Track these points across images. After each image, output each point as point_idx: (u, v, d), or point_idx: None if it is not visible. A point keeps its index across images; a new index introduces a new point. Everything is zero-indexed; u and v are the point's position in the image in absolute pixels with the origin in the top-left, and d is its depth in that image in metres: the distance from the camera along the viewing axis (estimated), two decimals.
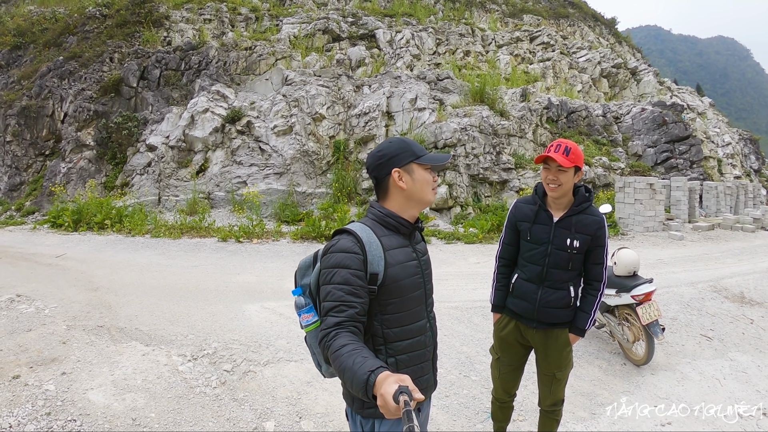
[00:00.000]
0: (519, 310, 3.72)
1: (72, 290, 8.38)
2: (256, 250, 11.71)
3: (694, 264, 11.33)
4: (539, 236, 3.61)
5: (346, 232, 2.30)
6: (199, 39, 21.63)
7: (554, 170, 3.47)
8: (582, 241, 3.51)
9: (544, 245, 3.59)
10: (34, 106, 19.58)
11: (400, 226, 2.39)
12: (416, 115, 17.13)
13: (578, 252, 3.53)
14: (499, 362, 3.94)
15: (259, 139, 16.55)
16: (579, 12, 39.36)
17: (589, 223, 3.52)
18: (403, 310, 2.34)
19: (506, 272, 3.89)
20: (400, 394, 1.62)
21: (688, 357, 6.33)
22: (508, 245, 3.87)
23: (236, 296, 8.16)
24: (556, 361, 3.69)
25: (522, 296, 3.70)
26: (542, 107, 20.48)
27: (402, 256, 2.35)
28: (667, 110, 22.52)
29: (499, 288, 3.91)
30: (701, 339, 6.90)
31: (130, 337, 6.29)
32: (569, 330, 3.67)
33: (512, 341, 3.83)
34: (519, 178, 16.87)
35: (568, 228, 3.53)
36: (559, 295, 3.59)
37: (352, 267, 2.18)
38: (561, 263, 3.55)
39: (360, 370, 1.82)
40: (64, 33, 23.22)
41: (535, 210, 3.66)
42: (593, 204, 3.64)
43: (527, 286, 3.67)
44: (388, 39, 25.00)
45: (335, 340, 2.02)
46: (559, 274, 3.58)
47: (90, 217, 14.49)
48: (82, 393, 4.86)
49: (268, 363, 5.66)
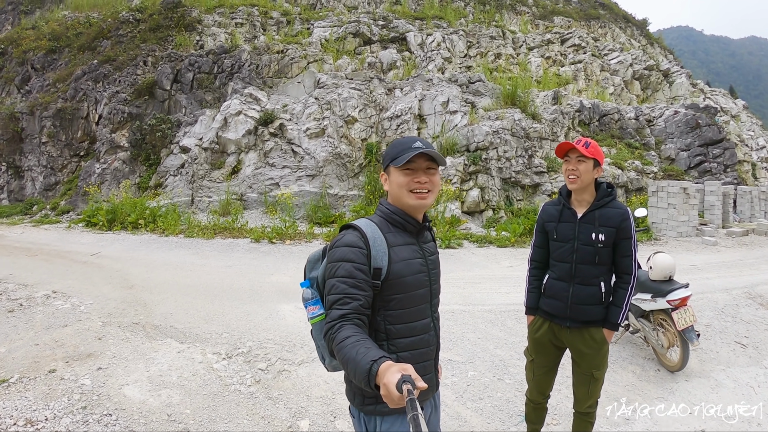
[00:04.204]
0: (552, 309, 3.74)
1: (107, 288, 8.42)
2: (289, 251, 11.65)
3: (728, 270, 10.97)
4: (565, 233, 3.67)
5: (352, 227, 2.33)
6: (231, 42, 21.78)
7: (574, 161, 3.55)
8: (607, 234, 3.52)
9: (570, 242, 3.64)
10: (69, 108, 19.91)
11: (406, 223, 2.39)
12: (448, 118, 16.98)
13: (604, 245, 3.54)
14: (533, 364, 3.95)
15: (292, 142, 16.55)
16: (610, 13, 38.75)
17: (613, 216, 3.54)
18: (407, 306, 2.34)
19: (538, 274, 3.94)
20: (403, 383, 1.61)
21: (722, 364, 6.11)
22: (538, 248, 3.93)
23: (270, 296, 8.10)
24: (594, 360, 3.66)
25: (554, 295, 3.73)
26: (574, 110, 20.16)
27: (407, 253, 2.35)
28: (701, 113, 21.97)
29: (531, 290, 3.95)
30: (736, 346, 6.66)
31: (165, 334, 6.27)
32: (603, 326, 3.65)
33: (546, 342, 3.84)
34: (551, 182, 16.59)
35: (592, 222, 3.57)
36: (590, 291, 3.60)
37: (356, 261, 2.20)
38: (588, 258, 3.58)
39: (363, 360, 1.82)
40: (98, 37, 23.64)
41: (559, 209, 3.74)
42: (616, 199, 3.65)
43: (558, 285, 3.71)
44: (419, 42, 24.89)
45: (339, 332, 2.03)
46: (587, 269, 3.59)
47: (124, 216, 14.62)
48: (117, 388, 4.82)
49: (303, 363, 5.58)
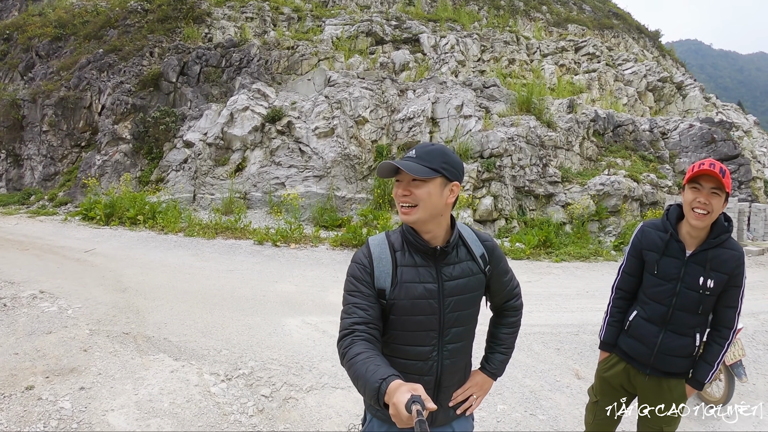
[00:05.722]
0: (633, 353, 3.20)
1: (98, 290, 7.86)
2: (294, 255, 11.09)
3: (750, 292, 10.33)
4: (668, 271, 3.05)
5: (368, 242, 2.30)
6: (240, 37, 21.33)
7: (707, 192, 2.84)
8: (717, 281, 2.92)
9: (672, 282, 3.03)
10: (72, 98, 19.40)
11: (417, 244, 2.22)
12: (462, 122, 16.46)
13: (712, 294, 2.95)
14: (596, 406, 3.44)
15: (300, 140, 16.03)
16: (623, 23, 38.39)
17: (728, 259, 2.92)
18: (402, 329, 2.22)
19: (623, 306, 3.34)
20: (412, 404, 1.55)
21: (761, 398, 5.58)
22: (629, 275, 3.30)
23: (274, 307, 7.52)
24: (666, 417, 3.12)
25: (639, 338, 3.17)
26: (589, 119, 19.62)
27: (411, 276, 2.20)
28: (716, 127, 21.45)
29: (612, 323, 3.36)
30: None
31: (158, 348, 5.69)
32: (687, 381, 3.13)
33: (617, 385, 3.31)
34: (565, 192, 16.08)
35: (703, 264, 2.94)
36: (683, 342, 3.05)
37: (360, 277, 2.18)
38: (690, 306, 2.99)
39: (372, 378, 1.77)
40: (105, 26, 23.19)
41: (665, 239, 3.08)
42: (731, 237, 2.98)
43: (647, 328, 3.14)
44: (432, 44, 24.39)
45: (351, 348, 1.97)
46: (686, 317, 3.03)
47: (123, 211, 14.10)
48: (101, 414, 4.24)
49: (312, 389, 5.00)
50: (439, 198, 2.15)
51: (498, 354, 2.61)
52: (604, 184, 15.83)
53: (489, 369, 2.58)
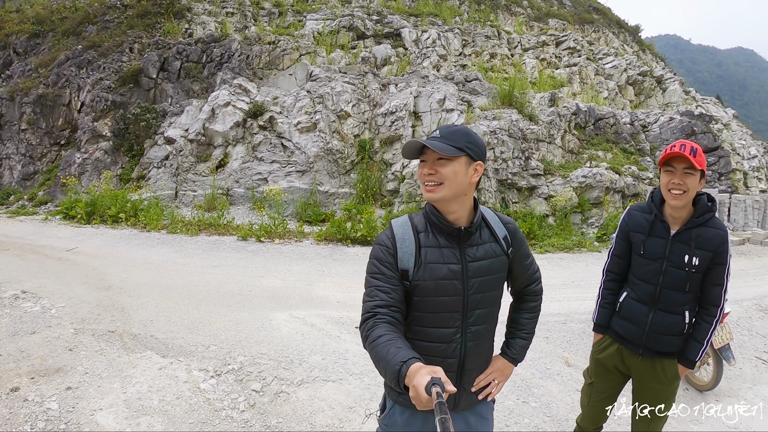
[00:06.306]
0: (625, 333, 3.30)
1: (82, 288, 7.77)
2: (279, 250, 11.05)
3: (733, 280, 10.50)
4: (654, 251, 3.16)
5: (391, 224, 2.31)
6: (221, 32, 21.11)
7: (680, 173, 2.97)
8: (702, 258, 3.03)
9: (658, 261, 3.14)
10: (50, 95, 19.05)
11: (441, 224, 2.24)
12: (444, 116, 16.47)
13: (697, 271, 3.06)
14: (591, 388, 3.54)
15: (282, 136, 15.93)
16: (604, 18, 38.68)
17: (712, 238, 3.02)
18: (424, 311, 2.23)
19: (614, 288, 3.45)
20: (432, 386, 1.56)
21: (748, 382, 5.75)
22: (618, 257, 3.42)
23: (261, 302, 7.48)
24: (660, 396, 3.26)
25: (630, 318, 3.27)
26: (570, 113, 19.73)
27: (435, 256, 2.21)
28: (696, 120, 21.70)
29: (604, 305, 3.46)
30: (758, 362, 6.34)
31: (145, 345, 5.64)
32: (678, 360, 3.21)
33: (611, 366, 3.41)
34: (548, 185, 16.17)
35: (687, 243, 3.06)
36: (673, 321, 3.14)
37: (383, 259, 2.19)
38: (677, 283, 3.10)
39: (393, 361, 1.78)
40: (83, 22, 22.86)
41: (650, 220, 3.20)
42: (716, 216, 3.07)
43: (637, 308, 3.24)
44: (413, 38, 24.39)
45: (373, 331, 1.98)
46: (674, 295, 3.12)
47: (104, 209, 13.89)
48: (89, 414, 4.19)
49: (303, 383, 4.98)
50: (464, 177, 2.18)
51: (519, 339, 2.65)
52: (586, 176, 15.93)
53: (510, 354, 2.62)
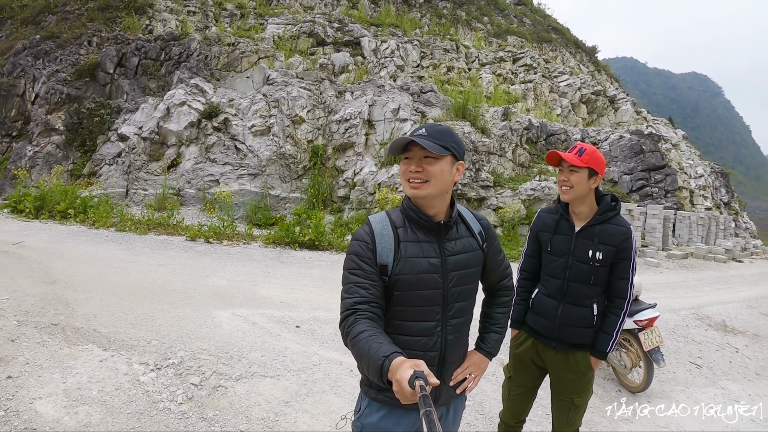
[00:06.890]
0: (538, 327, 3.52)
1: (27, 282, 7.91)
2: (227, 252, 11.30)
3: (673, 291, 11.32)
4: (559, 247, 3.42)
5: (368, 221, 2.34)
6: (181, 30, 21.19)
7: (566, 170, 3.30)
8: (606, 253, 3.28)
9: (564, 257, 3.39)
10: (5, 84, 18.84)
11: (420, 219, 2.30)
12: (398, 125, 16.93)
13: (602, 265, 3.30)
14: (510, 382, 3.72)
15: (236, 138, 16.16)
16: (561, 38, 39.87)
17: (614, 233, 3.29)
18: (406, 305, 2.27)
19: (527, 286, 3.69)
20: (415, 379, 1.59)
21: (680, 384, 6.22)
22: (530, 257, 3.67)
23: (205, 300, 7.73)
24: (576, 386, 3.45)
25: (542, 313, 3.50)
26: (523, 128, 20.41)
27: (414, 251, 2.26)
28: (645, 139, 22.69)
29: (518, 303, 3.67)
30: (691, 367, 6.82)
31: (87, 339, 5.87)
32: (590, 353, 3.44)
33: (527, 360, 3.60)
34: (497, 197, 16.74)
35: (591, 238, 3.32)
36: (582, 313, 3.38)
37: (361, 254, 2.22)
38: (582, 277, 3.34)
39: (375, 356, 1.81)
40: (43, 11, 22.68)
41: (556, 219, 3.48)
42: (620, 215, 3.40)
43: (548, 302, 3.47)
44: (373, 48, 24.85)
45: (354, 327, 2.02)
46: (581, 288, 3.36)
47: (53, 205, 13.85)
48: (28, 402, 4.43)
49: (241, 378, 5.26)
50: (449, 175, 2.27)
51: (493, 333, 2.71)
52: (534, 189, 16.45)
53: (485, 348, 2.67)
